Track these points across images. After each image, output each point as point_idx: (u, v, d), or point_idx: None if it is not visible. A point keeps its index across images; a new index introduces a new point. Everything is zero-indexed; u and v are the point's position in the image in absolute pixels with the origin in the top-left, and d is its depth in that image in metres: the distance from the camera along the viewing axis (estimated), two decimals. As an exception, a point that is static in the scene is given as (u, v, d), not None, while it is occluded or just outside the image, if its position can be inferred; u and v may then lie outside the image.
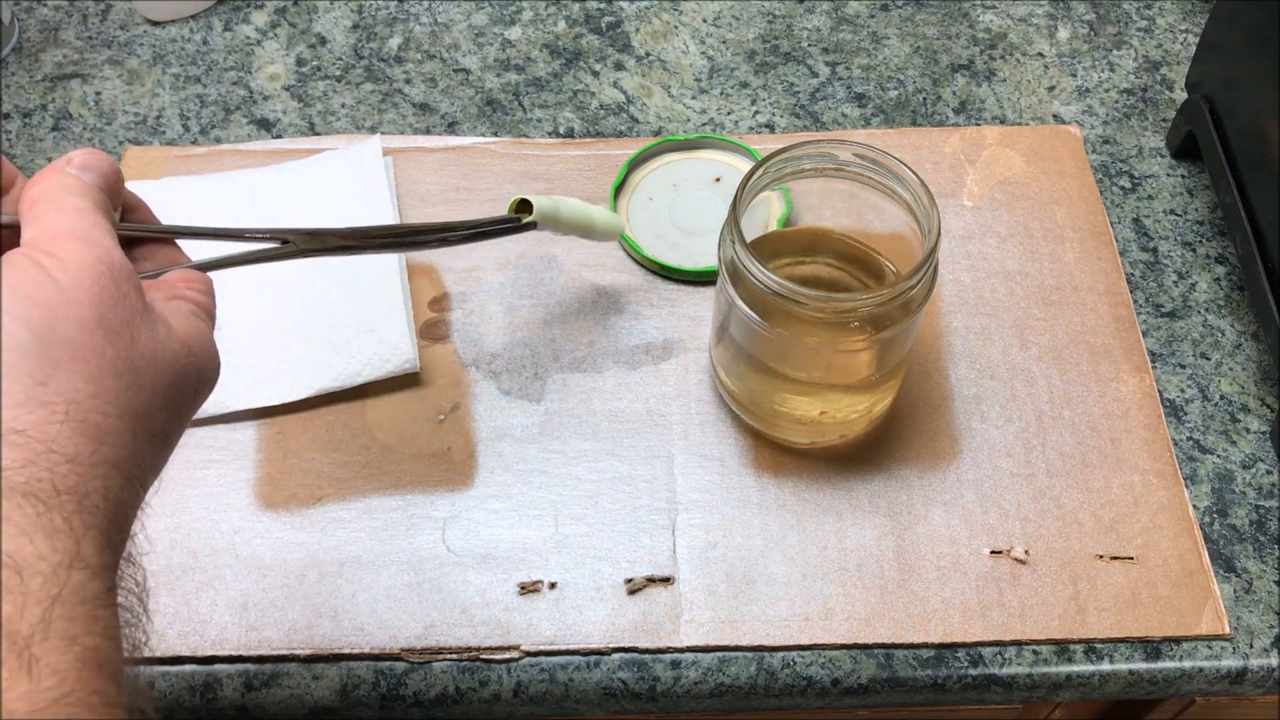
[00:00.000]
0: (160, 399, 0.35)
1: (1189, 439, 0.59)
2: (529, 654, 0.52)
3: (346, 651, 0.52)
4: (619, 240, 0.65)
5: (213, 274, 0.43)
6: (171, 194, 0.66)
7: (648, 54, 0.74)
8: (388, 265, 0.62)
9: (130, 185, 0.66)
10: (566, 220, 0.56)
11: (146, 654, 0.36)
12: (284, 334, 0.60)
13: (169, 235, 0.42)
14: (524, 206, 0.54)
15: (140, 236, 0.41)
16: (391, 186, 0.66)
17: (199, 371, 0.37)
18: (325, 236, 0.46)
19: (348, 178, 0.66)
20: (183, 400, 0.37)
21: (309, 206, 0.65)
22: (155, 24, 0.75)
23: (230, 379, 0.59)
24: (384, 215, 0.64)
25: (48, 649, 0.29)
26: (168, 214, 0.64)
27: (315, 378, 0.59)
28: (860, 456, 0.58)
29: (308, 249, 0.45)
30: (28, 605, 0.29)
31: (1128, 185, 0.68)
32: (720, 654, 0.52)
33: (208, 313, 0.40)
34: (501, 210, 0.66)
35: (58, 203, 0.36)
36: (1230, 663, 0.52)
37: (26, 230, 0.35)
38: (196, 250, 0.43)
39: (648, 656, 0.52)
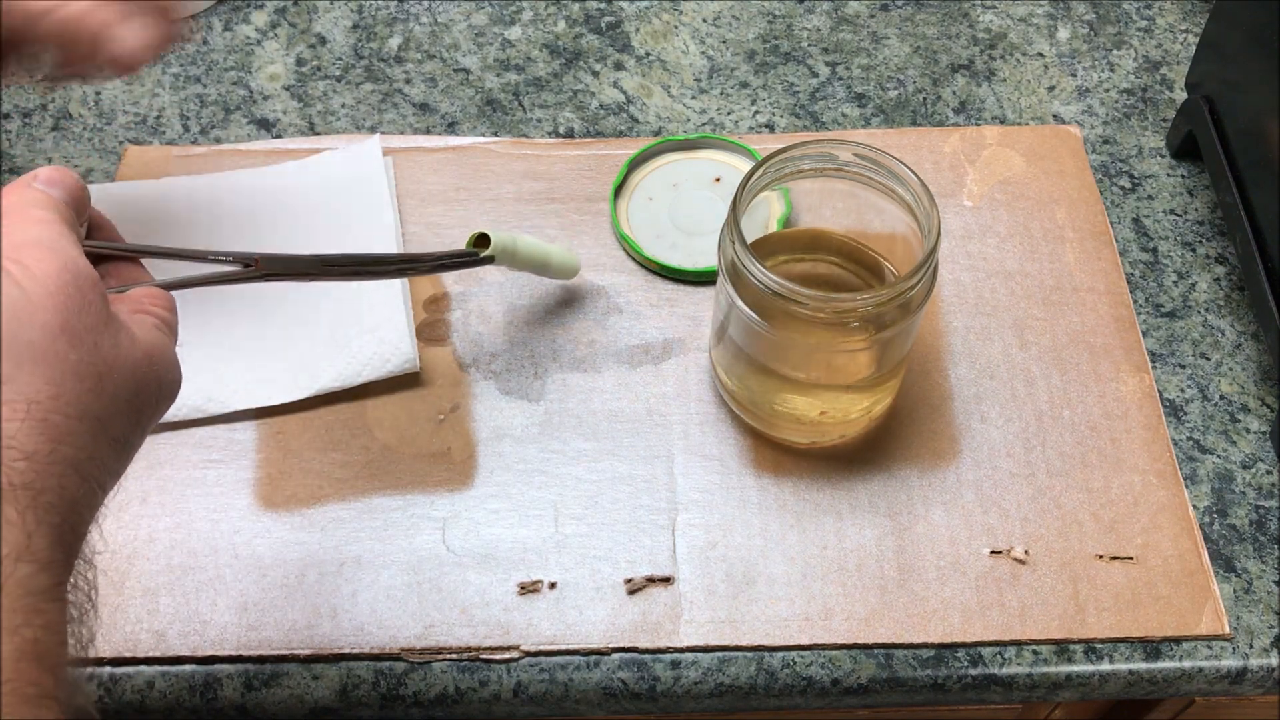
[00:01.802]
0: (122, 404, 0.36)
1: (1189, 439, 0.59)
2: (529, 654, 0.52)
3: (346, 651, 0.52)
4: (619, 240, 0.65)
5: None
6: (171, 194, 0.66)
7: (648, 54, 0.74)
8: (388, 265, 0.62)
9: (130, 185, 0.66)
10: (523, 256, 0.58)
11: (93, 653, 0.37)
12: (284, 334, 0.60)
13: (134, 254, 0.43)
14: (482, 240, 0.56)
15: (106, 254, 0.42)
16: (391, 186, 0.66)
17: (160, 381, 0.39)
18: (288, 261, 0.48)
19: (348, 178, 0.66)
20: (143, 407, 0.38)
21: (309, 206, 0.65)
22: (155, 24, 0.75)
23: (230, 379, 0.59)
24: (384, 215, 0.64)
25: None
26: (168, 214, 0.65)
27: (315, 378, 0.59)
28: (860, 456, 0.58)
29: (270, 273, 0.47)
30: None
31: (1128, 185, 0.68)
32: (720, 654, 0.52)
33: (170, 328, 0.41)
34: (501, 209, 0.66)
35: (23, 214, 0.37)
36: (1230, 663, 0.52)
37: None
38: (160, 269, 0.44)
39: (648, 656, 0.52)
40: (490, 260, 0.56)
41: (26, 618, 0.31)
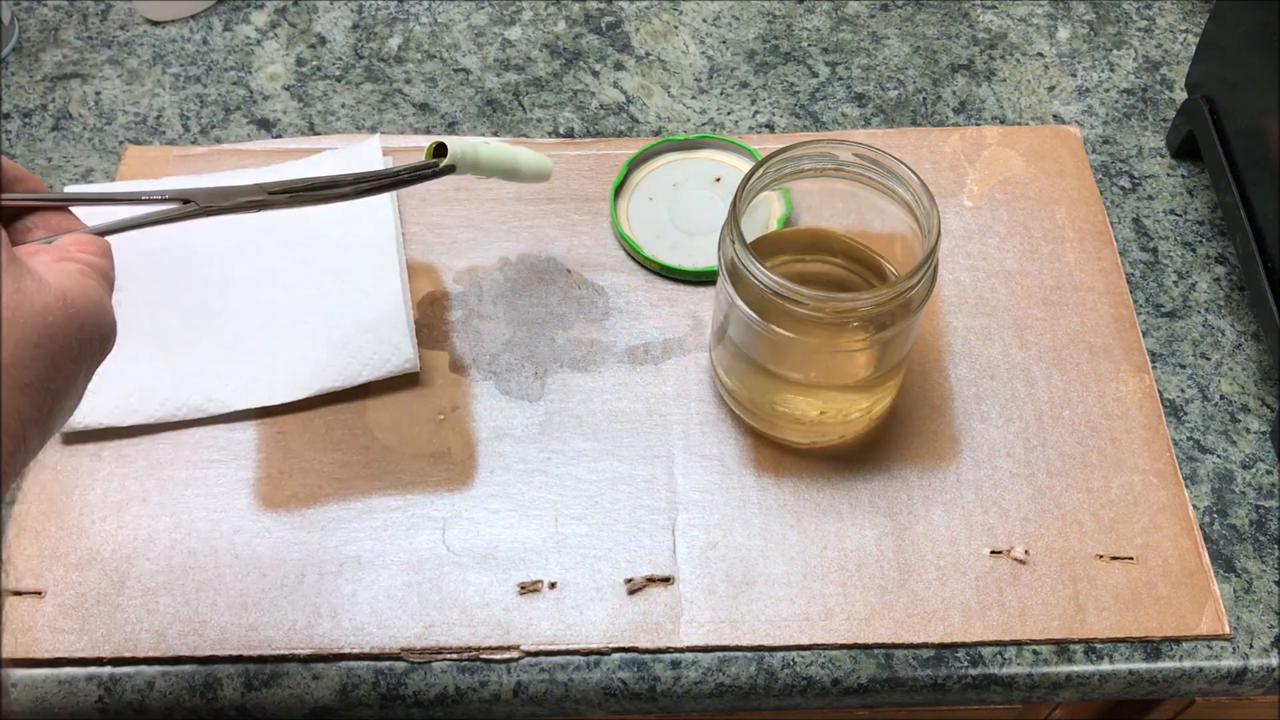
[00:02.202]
0: (32, 349, 0.36)
1: (1189, 439, 0.59)
2: (529, 654, 0.52)
3: (346, 651, 0.52)
4: (619, 240, 0.65)
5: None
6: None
7: (648, 54, 0.74)
8: (388, 265, 0.62)
9: (130, 185, 0.66)
10: (487, 162, 0.55)
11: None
12: (284, 334, 0.60)
13: (62, 203, 0.42)
14: (441, 151, 0.54)
15: (33, 206, 0.41)
16: (391, 186, 0.66)
17: (80, 325, 0.38)
18: (228, 193, 0.46)
19: (348, 178, 0.66)
20: (61, 351, 0.37)
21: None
22: (155, 24, 0.75)
23: (230, 379, 0.59)
24: (383, 215, 0.64)
25: None
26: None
27: (315, 378, 0.59)
28: (860, 456, 0.58)
29: (210, 207, 0.45)
30: None
31: (1128, 185, 0.68)
32: (720, 654, 0.52)
33: (101, 274, 0.40)
34: (501, 209, 0.66)
35: None
36: (1230, 663, 0.52)
37: None
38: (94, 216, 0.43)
39: (648, 656, 0.52)
40: (451, 170, 0.53)
41: None
